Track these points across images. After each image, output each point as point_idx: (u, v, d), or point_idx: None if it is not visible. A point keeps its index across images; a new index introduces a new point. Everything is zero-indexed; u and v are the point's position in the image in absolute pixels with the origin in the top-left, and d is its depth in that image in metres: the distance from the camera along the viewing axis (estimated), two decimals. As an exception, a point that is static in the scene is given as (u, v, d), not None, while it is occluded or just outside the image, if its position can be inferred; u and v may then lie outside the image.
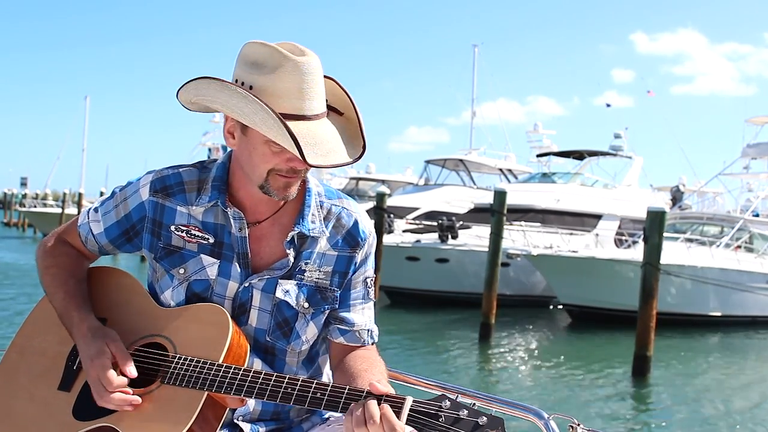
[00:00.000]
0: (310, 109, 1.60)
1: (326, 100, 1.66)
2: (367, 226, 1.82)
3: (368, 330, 1.82)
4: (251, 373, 1.56)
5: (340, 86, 1.71)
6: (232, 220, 1.73)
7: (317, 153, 1.57)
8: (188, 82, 1.65)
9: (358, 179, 31.70)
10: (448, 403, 1.41)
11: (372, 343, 1.83)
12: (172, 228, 1.76)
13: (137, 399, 1.59)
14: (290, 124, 1.53)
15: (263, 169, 1.63)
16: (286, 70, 1.57)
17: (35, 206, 48.72)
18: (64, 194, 46.64)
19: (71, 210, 42.14)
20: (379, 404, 1.43)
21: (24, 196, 59.65)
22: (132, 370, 1.62)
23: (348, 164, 1.63)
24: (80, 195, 42.62)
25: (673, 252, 16.90)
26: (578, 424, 1.68)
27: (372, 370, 1.69)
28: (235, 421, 1.74)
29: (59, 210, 43.97)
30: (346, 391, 1.50)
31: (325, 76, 1.66)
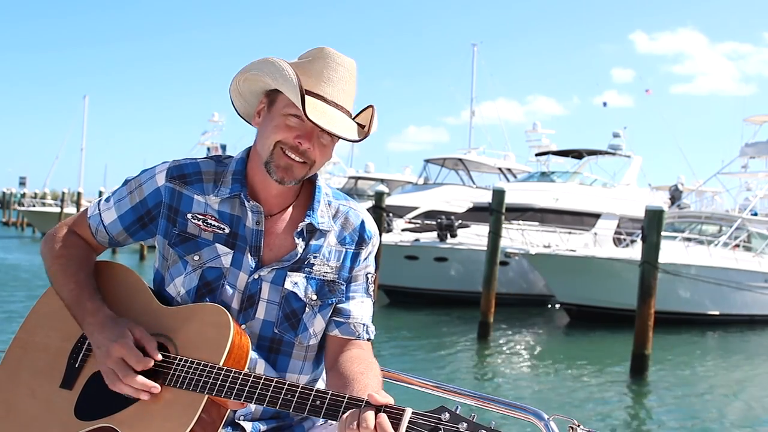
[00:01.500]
0: (329, 94, 1.70)
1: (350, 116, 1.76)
2: (372, 227, 1.88)
3: (364, 324, 1.84)
4: (251, 378, 1.56)
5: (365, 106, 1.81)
6: (250, 213, 1.76)
7: (319, 116, 1.65)
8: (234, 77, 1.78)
9: (357, 178, 31.68)
10: (447, 415, 1.40)
11: (367, 339, 1.84)
12: (189, 216, 1.78)
13: (157, 386, 1.58)
14: (307, 97, 1.64)
15: (272, 140, 1.70)
16: (318, 58, 1.72)
17: (34, 205, 48.66)
18: (63, 194, 46.57)
19: (70, 209, 42.09)
20: (377, 414, 1.43)
21: (23, 195, 59.45)
22: (157, 353, 1.61)
23: (348, 140, 1.70)
24: (79, 194, 42.55)
25: (672, 251, 16.93)
26: (578, 425, 1.67)
27: (368, 373, 1.69)
28: (237, 420, 1.75)
29: (58, 209, 43.93)
30: (345, 400, 1.49)
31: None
